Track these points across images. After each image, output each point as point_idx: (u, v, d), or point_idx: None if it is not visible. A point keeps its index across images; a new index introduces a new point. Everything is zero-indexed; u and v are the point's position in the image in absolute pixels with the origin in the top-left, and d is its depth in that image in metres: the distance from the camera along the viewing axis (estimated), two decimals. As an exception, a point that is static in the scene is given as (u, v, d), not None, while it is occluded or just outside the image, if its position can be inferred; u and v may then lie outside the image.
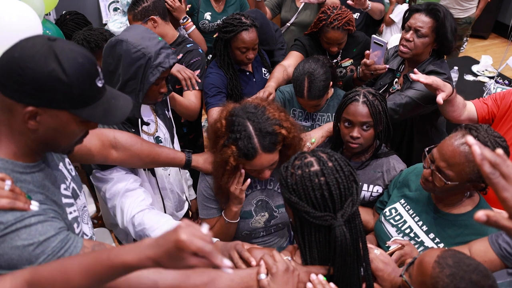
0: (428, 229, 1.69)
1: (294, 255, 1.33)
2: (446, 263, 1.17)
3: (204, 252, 0.89)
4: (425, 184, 1.63)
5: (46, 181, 1.18)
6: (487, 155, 0.92)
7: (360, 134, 1.84)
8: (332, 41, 2.63)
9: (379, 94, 1.87)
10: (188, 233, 0.89)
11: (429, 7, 2.22)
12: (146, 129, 1.88)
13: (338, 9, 2.58)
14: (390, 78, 2.49)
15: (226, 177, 1.63)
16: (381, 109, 1.84)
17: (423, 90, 2.18)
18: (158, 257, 0.91)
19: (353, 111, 1.82)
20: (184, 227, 0.90)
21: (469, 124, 1.58)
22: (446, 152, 1.50)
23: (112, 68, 1.66)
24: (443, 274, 1.15)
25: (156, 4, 2.51)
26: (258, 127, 1.51)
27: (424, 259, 1.23)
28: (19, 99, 1.04)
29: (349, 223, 1.19)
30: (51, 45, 1.04)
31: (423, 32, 2.21)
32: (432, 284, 1.17)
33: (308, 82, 2.17)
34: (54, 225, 1.10)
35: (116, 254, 0.94)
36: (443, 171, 1.51)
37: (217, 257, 0.90)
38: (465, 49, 5.86)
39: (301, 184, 1.19)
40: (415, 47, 2.25)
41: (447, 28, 2.20)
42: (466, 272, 1.14)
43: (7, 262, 1.02)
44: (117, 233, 2.24)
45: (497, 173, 0.92)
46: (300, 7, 3.48)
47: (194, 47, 2.61)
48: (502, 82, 3.91)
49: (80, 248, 1.12)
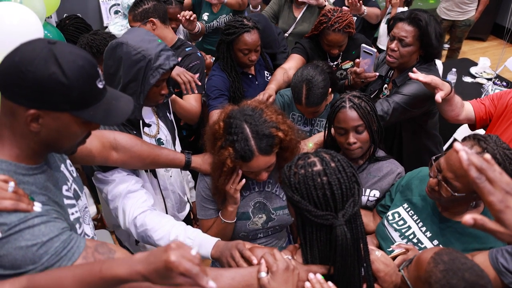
0: (432, 235, 1.68)
1: (295, 254, 1.34)
2: (442, 259, 1.19)
3: (191, 274, 0.95)
4: (431, 193, 1.61)
5: (48, 183, 1.19)
6: (474, 160, 0.95)
7: (356, 138, 1.83)
8: (333, 44, 2.64)
9: (364, 95, 1.87)
10: (178, 254, 0.95)
11: (411, 16, 2.22)
12: (147, 131, 1.89)
13: (339, 12, 2.60)
14: (379, 84, 2.51)
15: (223, 178, 1.64)
16: (370, 109, 1.84)
17: (409, 94, 2.19)
18: (148, 273, 0.97)
19: (343, 118, 1.82)
20: (175, 248, 0.97)
21: (478, 134, 1.56)
22: (455, 163, 1.48)
23: (113, 70, 1.67)
24: (437, 269, 1.17)
25: (156, 7, 2.54)
26: (255, 130, 1.52)
27: (422, 255, 1.25)
28: (21, 102, 1.06)
29: (350, 223, 1.21)
30: (51, 48, 1.05)
31: (407, 42, 2.22)
32: (425, 279, 1.19)
33: (306, 89, 2.17)
34: (57, 226, 1.11)
35: (108, 267, 1.01)
36: (450, 182, 1.50)
37: (203, 279, 0.96)
38: (463, 51, 5.88)
39: (303, 183, 1.20)
40: (401, 56, 2.26)
41: (430, 35, 2.20)
42: (459, 269, 1.15)
43: (11, 263, 1.03)
44: (119, 234, 2.25)
45: (483, 178, 0.95)
46: (298, 18, 3.50)
47: (193, 50, 2.63)
48: (500, 83, 3.93)
49: (82, 248, 1.13)
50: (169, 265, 0.94)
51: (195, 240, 1.57)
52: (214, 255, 1.52)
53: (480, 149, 1.48)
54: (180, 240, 1.03)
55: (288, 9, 3.59)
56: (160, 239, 1.61)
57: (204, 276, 0.96)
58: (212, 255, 1.53)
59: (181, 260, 0.94)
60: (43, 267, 1.06)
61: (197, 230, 1.63)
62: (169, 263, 0.94)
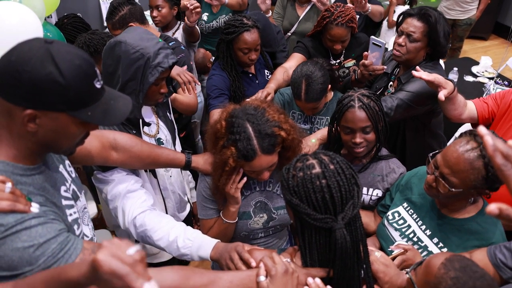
0: (432, 233, 1.69)
1: (294, 257, 1.33)
2: (453, 266, 1.17)
3: (119, 274, 0.84)
4: (428, 189, 1.62)
5: (46, 183, 1.18)
6: (500, 146, 0.88)
7: (362, 138, 1.83)
8: (336, 38, 2.64)
9: (373, 94, 1.87)
10: (107, 253, 0.86)
11: (421, 12, 2.23)
12: (147, 131, 1.89)
13: (342, 6, 2.61)
14: (385, 81, 2.51)
15: (224, 178, 1.63)
16: (378, 109, 1.83)
17: (414, 91, 2.19)
18: (89, 274, 0.89)
19: (352, 118, 1.81)
20: (106, 246, 0.87)
21: (473, 130, 1.57)
22: (451, 158, 1.49)
23: (111, 69, 1.67)
24: (448, 276, 1.16)
25: (132, 10, 2.61)
26: (258, 129, 1.52)
27: (432, 260, 1.24)
28: (18, 102, 1.05)
29: (350, 226, 1.19)
30: (47, 48, 1.05)
31: (415, 37, 2.22)
32: (434, 284, 1.18)
33: (306, 85, 2.17)
34: (54, 227, 1.10)
35: (64, 270, 0.95)
36: (447, 178, 1.51)
37: (134, 280, 0.85)
38: (465, 50, 5.87)
39: (302, 186, 1.19)
40: (407, 52, 2.26)
41: (439, 32, 2.20)
42: (470, 277, 1.14)
43: (8, 264, 1.03)
44: (119, 234, 2.25)
45: (509, 165, 0.89)
46: (301, 17, 3.49)
47: (177, 44, 2.68)
48: (502, 83, 3.92)
49: (80, 249, 1.12)
50: (95, 264, 0.85)
51: (195, 241, 1.56)
52: (214, 256, 1.52)
53: (476, 144, 1.49)
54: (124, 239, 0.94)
55: (291, 8, 3.59)
56: (160, 239, 1.60)
57: (137, 278, 0.85)
58: (212, 257, 1.52)
59: (108, 259, 0.85)
60: (40, 268, 1.05)
61: (197, 231, 1.62)
62: (95, 261, 0.85)
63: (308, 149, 2.06)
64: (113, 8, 2.62)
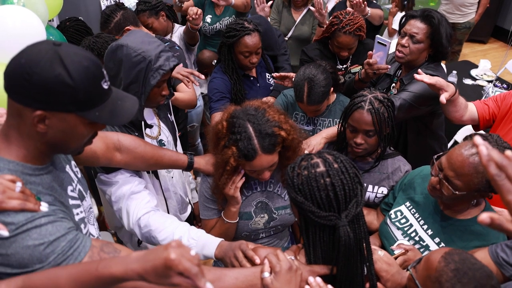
0: (434, 233, 1.70)
1: (298, 255, 1.35)
2: (452, 258, 1.19)
3: (190, 273, 0.94)
4: (432, 191, 1.63)
5: (54, 183, 1.20)
6: (494, 156, 0.88)
7: (363, 140, 1.85)
8: (343, 46, 2.66)
9: (387, 99, 1.85)
10: (178, 253, 0.94)
11: (424, 14, 2.25)
12: (149, 133, 1.90)
13: (350, 14, 2.63)
14: (388, 83, 2.53)
15: (225, 178, 1.65)
16: (387, 115, 1.83)
17: (416, 92, 2.20)
18: (144, 271, 0.96)
19: (357, 119, 1.82)
20: (175, 246, 0.95)
21: (478, 133, 1.58)
22: (455, 162, 1.50)
23: (113, 72, 1.68)
24: (448, 268, 1.18)
25: (125, 15, 2.66)
26: (258, 129, 1.54)
27: (432, 255, 1.26)
28: (28, 103, 1.07)
29: (353, 223, 1.21)
30: (56, 50, 1.06)
31: (418, 38, 2.24)
32: (436, 278, 1.19)
33: (308, 88, 2.19)
34: (63, 225, 1.12)
35: (105, 265, 1.00)
36: (451, 181, 1.51)
37: (201, 280, 0.95)
38: (464, 53, 5.89)
39: (307, 184, 1.21)
40: (410, 53, 2.27)
41: (442, 34, 2.22)
42: (470, 269, 1.16)
43: (19, 262, 1.04)
44: (121, 235, 2.25)
45: (503, 175, 0.88)
46: (297, 21, 3.52)
47: (171, 44, 2.75)
48: (501, 86, 3.94)
49: (88, 247, 1.14)
50: (168, 263, 0.93)
51: (199, 240, 1.58)
52: (218, 255, 1.53)
53: None
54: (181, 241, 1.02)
55: (287, 13, 3.61)
56: (164, 239, 1.62)
57: (202, 278, 0.95)
58: (216, 255, 1.54)
59: (181, 258, 0.93)
60: (49, 266, 1.06)
61: (201, 230, 1.64)
62: (169, 261, 0.93)
63: (312, 148, 2.08)
64: (107, 16, 2.66)
